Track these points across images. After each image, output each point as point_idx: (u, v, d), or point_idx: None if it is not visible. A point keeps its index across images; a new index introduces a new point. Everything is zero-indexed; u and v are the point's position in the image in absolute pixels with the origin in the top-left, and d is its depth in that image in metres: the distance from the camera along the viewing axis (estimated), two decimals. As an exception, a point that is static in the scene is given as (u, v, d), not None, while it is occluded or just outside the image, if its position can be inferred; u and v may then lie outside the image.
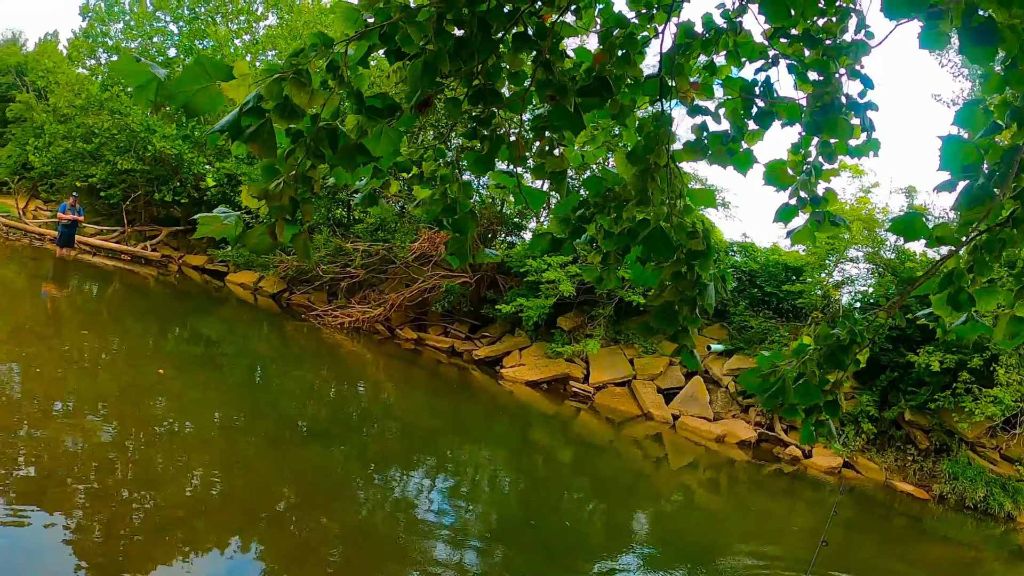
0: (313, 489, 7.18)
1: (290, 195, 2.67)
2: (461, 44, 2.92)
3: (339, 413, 10.62)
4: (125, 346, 12.54)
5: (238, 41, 29.20)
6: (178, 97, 2.38)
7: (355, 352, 16.23)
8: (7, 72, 38.59)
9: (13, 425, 7.29)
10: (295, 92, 2.50)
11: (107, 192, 27.27)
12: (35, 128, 29.32)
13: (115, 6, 31.08)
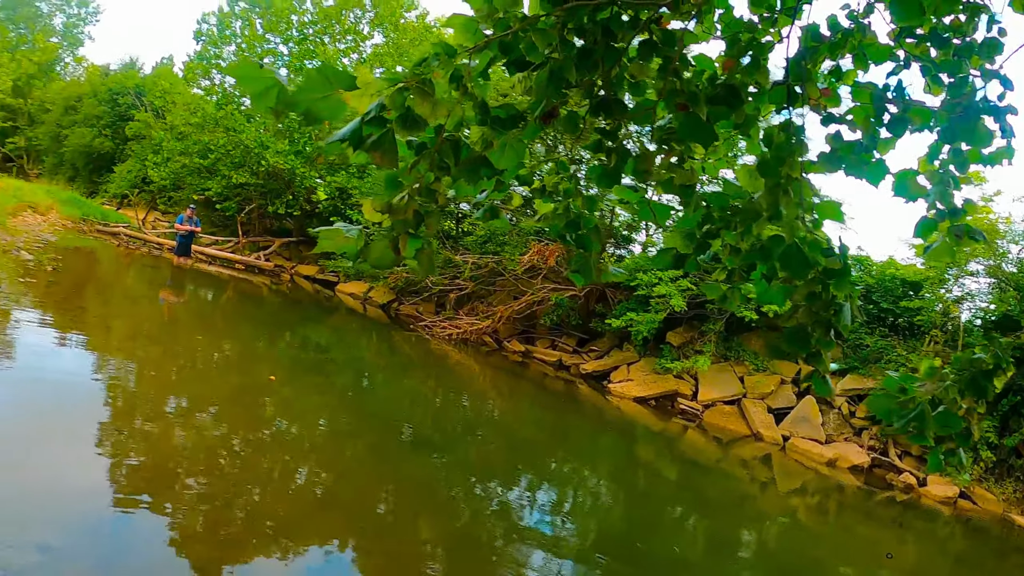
0: (414, 496, 7.14)
1: (414, 208, 2.58)
2: (584, 54, 2.79)
3: (444, 423, 10.59)
4: (237, 351, 12.84)
5: (346, 60, 29.88)
6: (300, 104, 2.30)
7: (462, 363, 16.21)
8: (127, 94, 40.45)
9: (128, 421, 7.54)
10: (419, 102, 2.41)
11: (222, 205, 28.46)
12: (154, 145, 30.86)
13: (227, 30, 32.33)
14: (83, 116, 42.25)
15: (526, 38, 2.69)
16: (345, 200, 25.26)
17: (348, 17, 30.77)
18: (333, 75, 2.31)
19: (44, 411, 7.26)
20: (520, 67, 2.81)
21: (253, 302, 19.99)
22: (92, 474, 6.07)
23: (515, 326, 18.91)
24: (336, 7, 30.48)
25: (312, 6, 30.83)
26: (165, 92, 33.98)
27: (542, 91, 2.76)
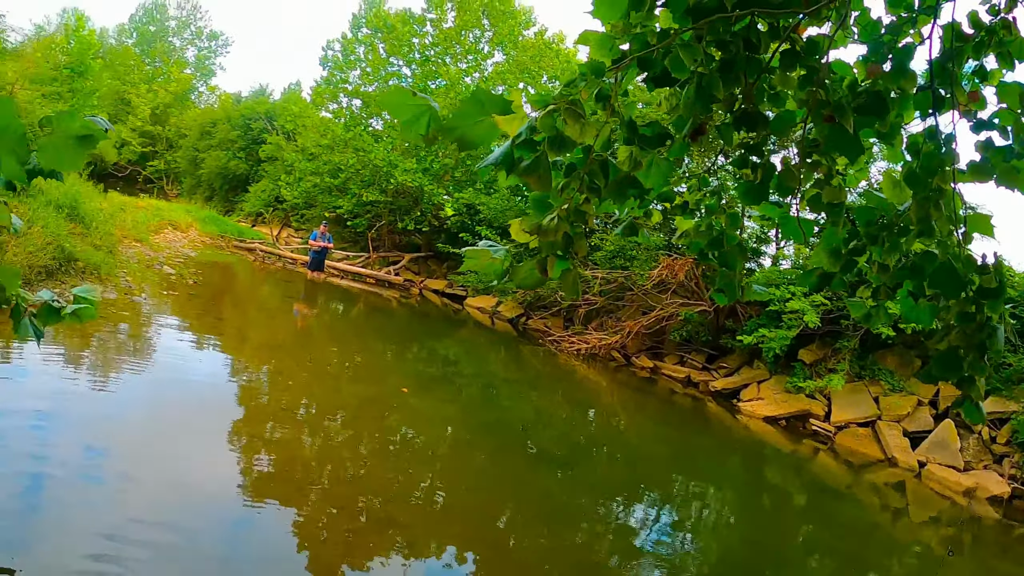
0: (535, 510, 7.11)
1: (565, 230, 2.56)
2: (726, 67, 2.69)
3: (568, 437, 10.50)
4: (367, 362, 13.14)
5: (468, 79, 30.28)
6: (455, 131, 2.32)
7: (589, 378, 16.10)
8: (258, 119, 42.29)
9: (259, 426, 7.82)
10: (569, 124, 2.38)
11: (353, 221, 29.41)
12: (286, 166, 32.08)
13: (351, 55, 33.45)
14: (218, 140, 44.51)
15: (672, 53, 2.63)
16: (473, 216, 25.60)
17: (468, 37, 31.26)
18: (488, 100, 2.31)
19: (182, 412, 7.69)
20: (659, 83, 2.75)
21: (383, 315, 20.42)
22: (223, 470, 6.39)
23: (644, 341, 18.51)
24: (455, 28, 31.04)
25: (432, 28, 31.49)
26: (295, 116, 35.32)
27: (690, 107, 2.70)
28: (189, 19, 76.55)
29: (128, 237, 18.74)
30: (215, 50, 77.09)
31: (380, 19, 32.33)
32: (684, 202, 3.42)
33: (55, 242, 12.15)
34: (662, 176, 2.72)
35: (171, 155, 53.71)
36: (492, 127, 2.36)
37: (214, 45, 77.08)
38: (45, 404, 6.93)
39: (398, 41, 31.14)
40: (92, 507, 5.18)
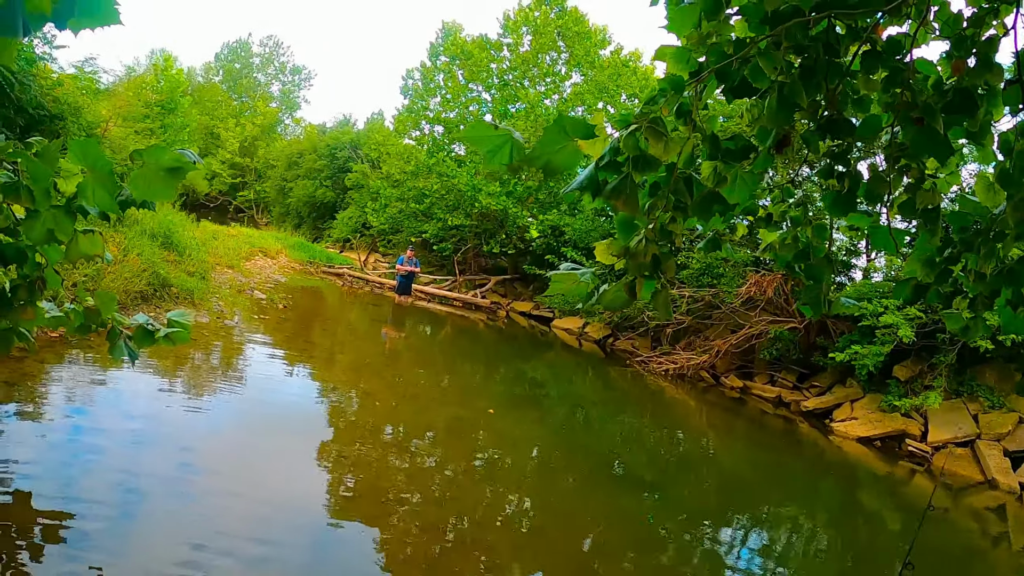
0: (622, 533, 7.03)
1: (653, 251, 2.55)
2: (806, 73, 2.63)
3: (656, 460, 10.38)
4: (454, 383, 13.25)
5: (548, 101, 30.44)
6: (539, 159, 2.36)
7: (677, 399, 15.89)
8: (344, 148, 43.33)
9: (348, 446, 7.97)
10: (652, 142, 2.38)
11: (439, 245, 29.84)
12: (371, 193, 32.77)
13: (431, 83, 34.05)
14: (305, 170, 45.71)
15: (751, 62, 2.60)
16: (558, 237, 25.70)
17: (545, 60, 31.47)
18: (571, 126, 2.35)
19: (273, 430, 7.92)
20: (737, 93, 2.70)
21: (470, 337, 20.57)
22: (311, 487, 6.55)
23: (733, 361, 18.15)
24: (532, 52, 31.29)
25: (509, 53, 31.79)
26: (379, 144, 36.19)
27: (773, 118, 2.63)
28: (272, 55, 78.93)
29: (220, 264, 19.41)
30: (298, 84, 79.30)
31: (457, 46, 32.79)
32: (768, 214, 3.36)
33: (150, 269, 12.72)
34: (747, 190, 2.70)
35: (260, 185, 55.43)
36: (576, 152, 2.38)
37: (297, 79, 79.33)
38: (141, 422, 7.26)
39: (476, 67, 31.55)
40: (182, 519, 5.40)
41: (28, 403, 7.14)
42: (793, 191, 3.40)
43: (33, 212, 3.21)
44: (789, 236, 3.27)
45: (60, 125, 14.25)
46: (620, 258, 2.60)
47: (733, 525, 8.03)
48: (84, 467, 5.96)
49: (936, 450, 13.92)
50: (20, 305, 3.98)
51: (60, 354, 8.76)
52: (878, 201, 2.94)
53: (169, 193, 2.95)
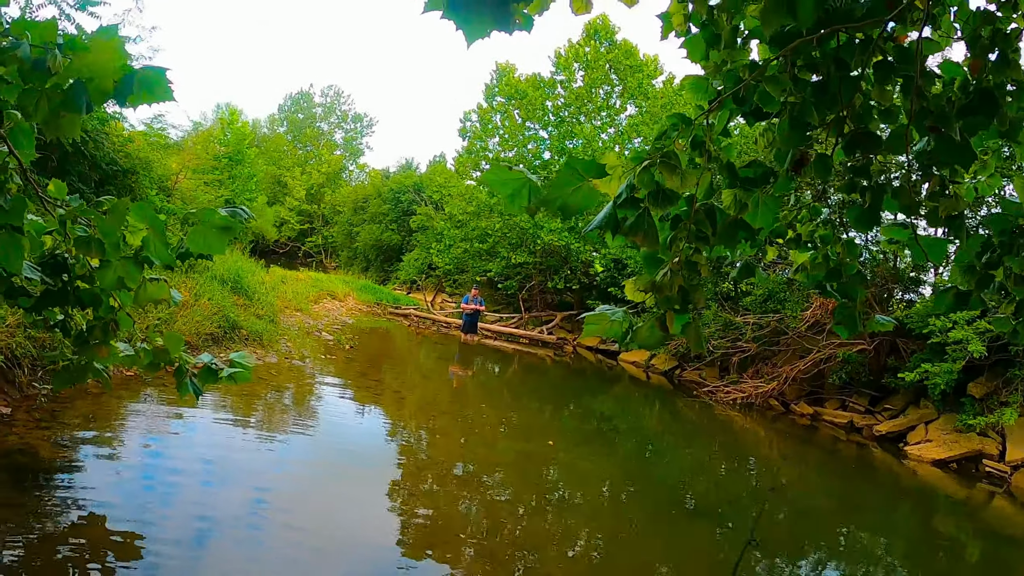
0: (693, 568, 6.96)
1: (679, 284, 2.60)
2: (820, 89, 2.65)
3: (727, 492, 10.21)
4: (522, 420, 13.26)
5: (604, 135, 30.64)
6: (554, 201, 2.47)
7: (747, 429, 15.65)
8: (407, 191, 44.19)
9: (417, 483, 8.11)
10: (667, 176, 2.46)
11: (504, 284, 30.26)
12: (436, 234, 33.29)
13: (488, 123, 34.48)
14: (371, 214, 46.67)
15: (759, 88, 2.64)
16: (621, 270, 25.73)
17: (599, 94, 31.70)
18: (582, 167, 2.45)
19: (342, 467, 8.07)
20: (758, 116, 2.76)
21: (537, 374, 20.61)
22: (381, 523, 6.63)
23: (802, 387, 17.75)
24: (585, 87, 31.58)
25: (563, 90, 32.11)
26: (441, 186, 36.87)
27: (786, 139, 2.68)
28: (333, 104, 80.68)
29: (289, 307, 19.88)
30: (361, 131, 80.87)
31: (512, 86, 33.23)
32: (797, 235, 3.37)
33: (220, 312, 13.16)
34: (770, 214, 2.73)
35: (327, 230, 56.66)
36: (591, 191, 2.47)
37: (359, 126, 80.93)
38: (213, 457, 7.49)
39: (532, 106, 31.95)
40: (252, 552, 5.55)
41: (105, 436, 7.46)
42: (821, 209, 3.40)
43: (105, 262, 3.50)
44: (819, 255, 3.28)
45: (133, 179, 14.83)
46: (648, 293, 2.66)
47: (808, 557, 7.87)
48: (156, 497, 6.19)
49: (1015, 469, 13.35)
50: (95, 344, 4.30)
51: (136, 391, 9.14)
52: (910, 212, 2.92)
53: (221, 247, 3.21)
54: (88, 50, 2.82)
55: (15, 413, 7.30)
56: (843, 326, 3.27)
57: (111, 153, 14.47)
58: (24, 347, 8.02)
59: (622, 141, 30.15)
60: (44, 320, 4.36)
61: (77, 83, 2.81)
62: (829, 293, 3.31)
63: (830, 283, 3.28)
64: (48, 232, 3.91)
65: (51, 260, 3.93)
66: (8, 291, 3.96)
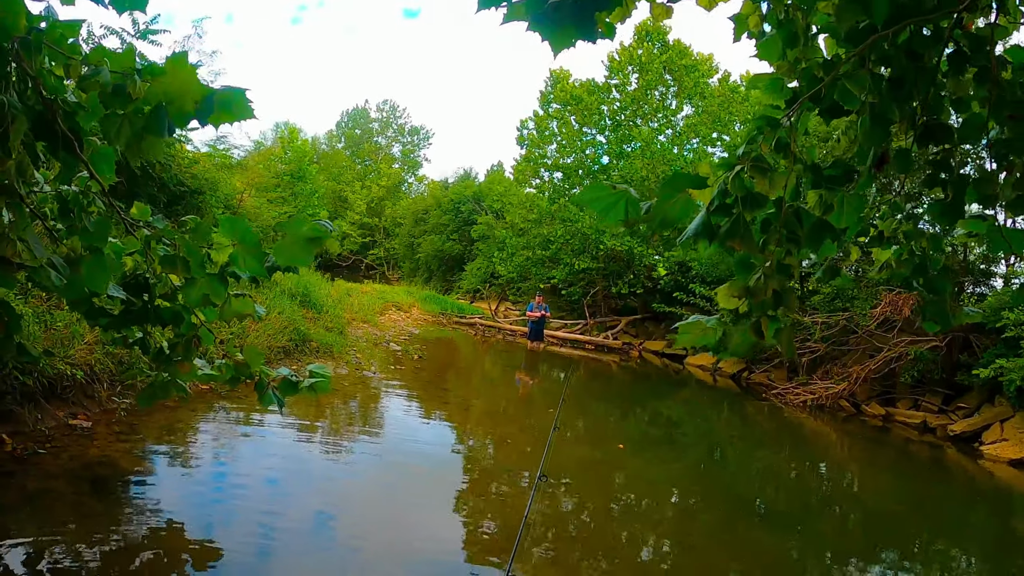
0: (764, 573, 6.84)
1: (773, 288, 2.57)
2: (896, 85, 2.63)
3: (797, 496, 10.01)
4: (588, 426, 13.20)
5: (662, 137, 30.48)
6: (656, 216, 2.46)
7: (817, 431, 15.33)
8: (467, 201, 44.42)
9: (485, 489, 8.14)
10: (758, 179, 2.44)
11: (568, 290, 30.26)
12: (497, 243, 33.40)
13: (545, 131, 34.51)
14: (431, 225, 47.00)
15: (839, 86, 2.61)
16: (685, 273, 25.55)
17: (654, 96, 31.55)
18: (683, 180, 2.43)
19: (410, 476, 8.13)
20: (833, 114, 2.71)
21: (603, 380, 20.53)
22: (448, 533, 6.63)
23: (873, 387, 17.25)
24: (640, 89, 31.50)
25: (618, 93, 32.00)
26: (500, 195, 36.99)
27: (868, 137, 2.65)
28: (389, 119, 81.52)
29: (356, 319, 20.17)
30: (418, 143, 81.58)
31: (567, 92, 33.27)
32: (880, 232, 3.30)
33: (291, 326, 13.45)
34: (855, 213, 2.69)
35: (389, 243, 57.24)
36: (689, 202, 2.47)
37: (416, 139, 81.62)
38: (283, 467, 7.61)
39: (587, 111, 31.93)
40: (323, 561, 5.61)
41: (181, 447, 7.65)
42: (902, 206, 3.34)
43: (190, 280, 3.55)
44: (904, 251, 3.20)
45: (200, 199, 15.17)
46: (742, 298, 2.62)
47: (881, 563, 7.66)
48: (228, 507, 6.33)
49: (1097, 466, 12.79)
50: (178, 360, 4.39)
51: (210, 403, 9.36)
52: (991, 203, 2.86)
53: (308, 259, 3.23)
54: (166, 74, 2.87)
55: (95, 426, 7.51)
56: (934, 322, 3.15)
57: (178, 175, 14.81)
58: (103, 363, 8.26)
59: (680, 142, 29.96)
60: (123, 338, 4.45)
61: (159, 106, 2.85)
62: (916, 289, 3.19)
63: (916, 279, 3.17)
64: (129, 253, 4.00)
65: (133, 280, 4.01)
66: (88, 312, 4.04)
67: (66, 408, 7.58)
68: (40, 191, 3.65)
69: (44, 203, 3.71)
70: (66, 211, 3.53)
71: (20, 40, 2.76)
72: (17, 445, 6.47)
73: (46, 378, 7.31)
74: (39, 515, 5.35)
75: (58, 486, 5.92)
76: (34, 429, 6.91)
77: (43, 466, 6.24)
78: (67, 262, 3.44)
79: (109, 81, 2.85)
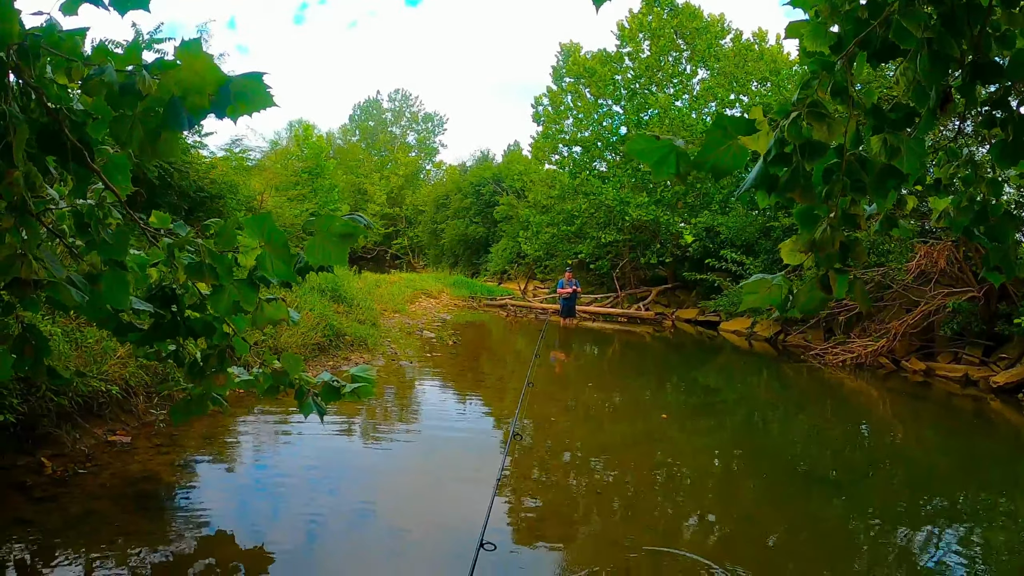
0: (812, 539, 6.59)
1: (840, 239, 2.43)
2: (947, 21, 2.44)
3: (841, 457, 9.77)
4: (626, 398, 13.11)
5: (679, 103, 30.10)
6: (705, 163, 2.30)
7: (857, 390, 15.08)
8: (487, 183, 44.27)
9: (526, 470, 8.02)
10: (816, 126, 2.28)
11: (596, 264, 30.22)
12: (522, 222, 33.30)
13: (560, 106, 34.19)
14: (453, 210, 46.98)
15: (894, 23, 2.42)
16: (713, 239, 25.31)
17: (668, 62, 31.13)
18: (731, 124, 2.28)
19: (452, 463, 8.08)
20: (881, 58, 2.53)
21: (637, 351, 20.44)
22: (495, 514, 6.48)
23: (912, 342, 16.95)
24: (653, 56, 31.09)
25: (631, 62, 31.59)
26: (521, 174, 36.80)
27: (929, 76, 2.46)
28: (402, 108, 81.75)
29: (387, 309, 20.22)
30: (432, 130, 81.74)
31: (579, 65, 32.92)
32: (936, 180, 3.15)
33: (324, 322, 13.45)
34: (918, 159, 2.55)
35: (412, 231, 57.31)
36: (741, 150, 2.31)
37: (431, 126, 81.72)
38: (322, 465, 7.56)
39: (602, 82, 31.54)
40: (367, 554, 5.58)
41: (222, 454, 7.61)
42: (959, 152, 3.16)
43: (218, 287, 3.39)
44: (963, 198, 3.04)
45: (220, 203, 15.13)
46: (808, 252, 2.48)
47: (927, 521, 7.40)
48: (271, 510, 6.30)
49: None
50: (212, 372, 4.24)
51: (248, 406, 9.32)
52: None
53: (342, 257, 3.05)
54: (176, 67, 2.70)
55: (135, 441, 7.46)
56: (997, 271, 2.99)
57: (197, 181, 14.76)
58: (138, 376, 8.22)
59: (698, 107, 29.59)
60: (156, 352, 4.32)
61: (174, 100, 2.68)
62: (978, 238, 3.01)
63: (977, 227, 3.00)
64: (153, 264, 3.86)
65: (159, 292, 3.86)
66: (117, 328, 3.91)
67: (104, 425, 7.52)
68: (57, 208, 3.51)
69: (62, 220, 3.57)
70: (83, 226, 3.38)
71: (17, 48, 2.61)
72: (57, 467, 6.41)
73: (81, 397, 7.25)
74: (85, 537, 5.27)
75: (102, 506, 5.85)
76: (73, 449, 6.84)
77: (85, 487, 6.18)
78: (87, 279, 3.31)
79: (115, 80, 2.68)
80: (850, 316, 18.40)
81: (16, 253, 2.96)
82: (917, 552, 6.51)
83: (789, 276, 2.69)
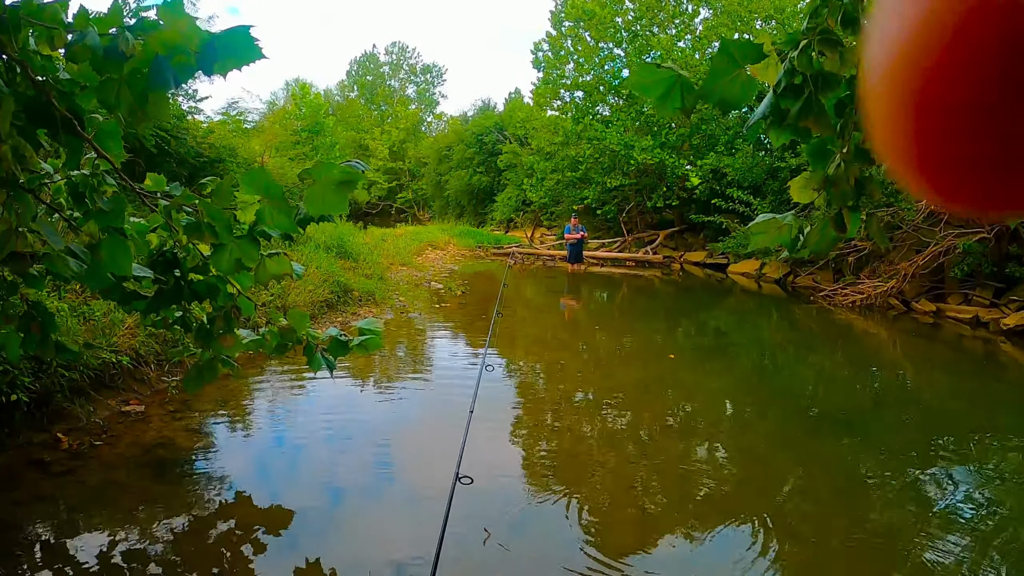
0: (822, 483, 6.57)
1: (855, 175, 2.32)
2: None
3: (851, 400, 9.70)
4: (636, 343, 13.09)
5: (681, 43, 29.62)
6: (712, 94, 2.19)
7: (867, 331, 15.06)
8: (489, 132, 43.91)
9: (539, 418, 8.05)
10: (828, 56, 2.17)
11: (602, 209, 30.08)
12: (526, 170, 33.12)
13: (560, 51, 33.73)
14: (456, 161, 46.62)
15: None
16: (719, 180, 25.11)
17: (669, 2, 30.56)
18: (739, 50, 2.17)
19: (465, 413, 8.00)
20: None
21: (647, 295, 20.40)
22: (509, 463, 6.58)
23: (922, 283, 16.87)
24: (653, -6, 30.45)
25: (631, 3, 31.00)
26: (523, 121, 36.49)
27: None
28: (400, 60, 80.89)
29: (394, 263, 20.16)
30: (431, 81, 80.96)
31: (578, 8, 32.30)
32: None
33: (330, 278, 13.39)
34: None
35: (416, 184, 57.01)
36: (749, 80, 2.20)
37: (429, 77, 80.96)
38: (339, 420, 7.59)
39: (602, 25, 30.97)
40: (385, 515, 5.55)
41: (237, 416, 7.63)
42: None
43: (219, 246, 3.33)
44: None
45: (220, 167, 15.05)
46: (822, 190, 2.39)
47: (938, 462, 7.34)
48: (289, 469, 6.32)
49: None
50: (219, 335, 4.19)
51: (261, 367, 9.31)
52: None
53: (342, 206, 2.99)
54: (158, 28, 2.61)
55: (149, 409, 7.45)
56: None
57: (195, 147, 14.67)
58: (147, 344, 8.20)
59: (701, 47, 29.12)
60: (163, 320, 4.26)
61: (159, 58, 2.60)
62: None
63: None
64: (153, 230, 3.79)
65: (160, 258, 3.80)
66: (121, 297, 3.85)
67: (117, 396, 7.50)
68: (53, 183, 3.45)
69: (59, 194, 3.51)
70: (79, 196, 3.31)
71: (-7, 18, 2.52)
72: (73, 441, 6.41)
73: (92, 369, 7.23)
74: (106, 508, 5.29)
75: (120, 476, 5.86)
76: (88, 422, 6.83)
77: (102, 458, 6.19)
78: (87, 249, 3.25)
79: (99, 44, 2.60)
80: (860, 257, 18.35)
81: (11, 228, 2.91)
82: (929, 495, 6.48)
83: (799, 216, 2.61)
